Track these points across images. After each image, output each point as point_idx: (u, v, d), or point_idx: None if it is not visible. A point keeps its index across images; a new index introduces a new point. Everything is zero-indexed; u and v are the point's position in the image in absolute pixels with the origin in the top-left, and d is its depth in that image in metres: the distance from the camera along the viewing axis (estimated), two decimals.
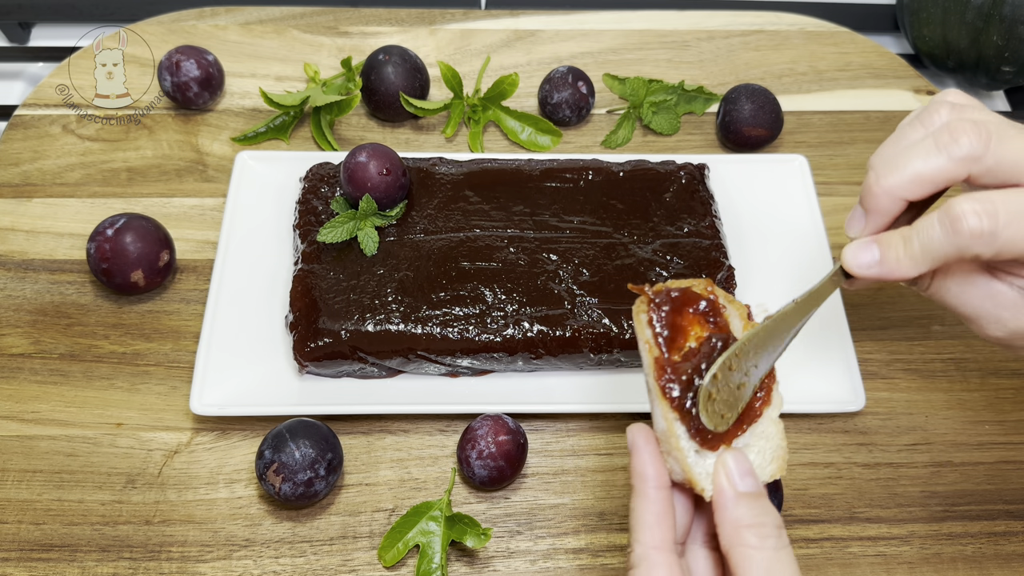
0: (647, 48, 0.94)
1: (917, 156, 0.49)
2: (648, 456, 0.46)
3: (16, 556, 0.62)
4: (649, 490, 0.46)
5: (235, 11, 0.94)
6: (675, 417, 0.46)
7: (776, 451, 0.48)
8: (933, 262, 0.48)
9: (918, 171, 0.48)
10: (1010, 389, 0.72)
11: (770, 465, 0.48)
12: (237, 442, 0.67)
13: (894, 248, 0.50)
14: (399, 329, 0.66)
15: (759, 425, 0.48)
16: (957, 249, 0.47)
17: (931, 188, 0.49)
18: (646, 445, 0.46)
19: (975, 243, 0.46)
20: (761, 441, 0.48)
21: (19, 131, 0.85)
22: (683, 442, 0.46)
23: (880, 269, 0.50)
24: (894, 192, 0.49)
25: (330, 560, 0.63)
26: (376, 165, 0.71)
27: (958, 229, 0.47)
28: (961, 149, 0.47)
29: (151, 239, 0.72)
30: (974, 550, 0.64)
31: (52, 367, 0.71)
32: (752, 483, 0.45)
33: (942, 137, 0.48)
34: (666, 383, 0.46)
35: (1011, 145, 0.47)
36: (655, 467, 0.46)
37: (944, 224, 0.47)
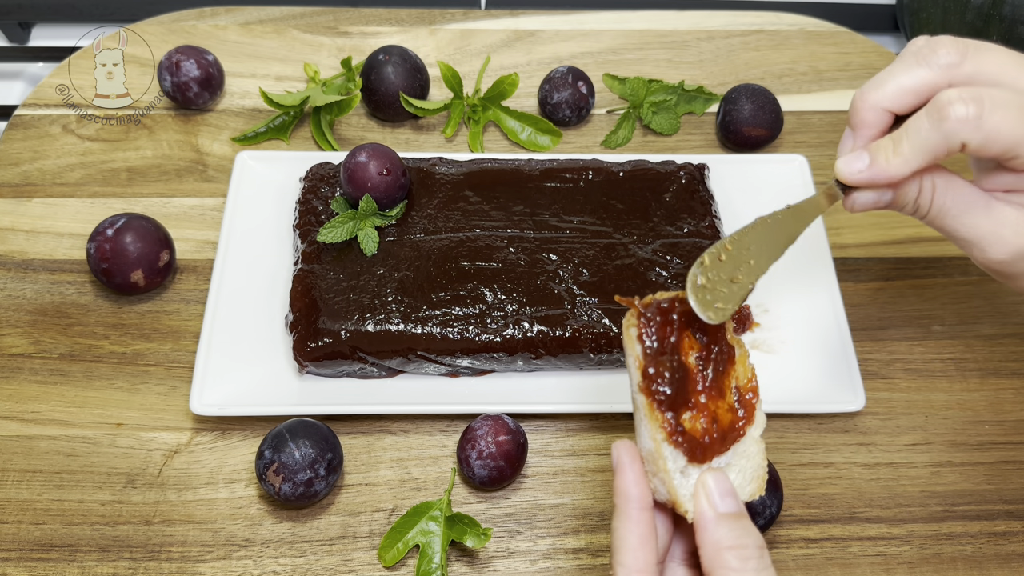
0: (647, 48, 0.94)
1: (898, 69, 0.51)
2: (633, 476, 0.46)
3: (16, 556, 0.62)
4: (633, 511, 0.45)
5: (235, 11, 0.94)
6: (663, 437, 0.45)
7: (756, 471, 0.48)
8: (923, 157, 0.50)
9: (900, 82, 0.51)
10: (1010, 389, 0.72)
11: (750, 485, 0.48)
12: (237, 442, 0.67)
13: (883, 150, 0.51)
14: (399, 329, 0.66)
15: (741, 444, 0.48)
16: (945, 137, 0.48)
17: (914, 98, 0.51)
18: (631, 464, 0.46)
19: (962, 128, 0.48)
20: (742, 460, 0.48)
21: (19, 131, 0.85)
22: (670, 463, 0.45)
23: (871, 172, 0.51)
24: (878, 104, 0.51)
25: (330, 560, 0.63)
26: (376, 165, 0.71)
27: (945, 115, 0.48)
28: (939, 58, 0.50)
29: (151, 239, 0.72)
30: (974, 550, 0.64)
31: (52, 367, 0.71)
32: (733, 504, 0.45)
33: (922, 51, 0.51)
34: (655, 401, 0.45)
35: (988, 55, 0.50)
36: (639, 487, 0.46)
37: (931, 114, 0.49)
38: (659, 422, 0.45)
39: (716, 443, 0.47)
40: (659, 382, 0.46)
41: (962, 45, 0.50)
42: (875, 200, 0.53)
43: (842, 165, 0.52)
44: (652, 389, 0.45)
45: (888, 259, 0.78)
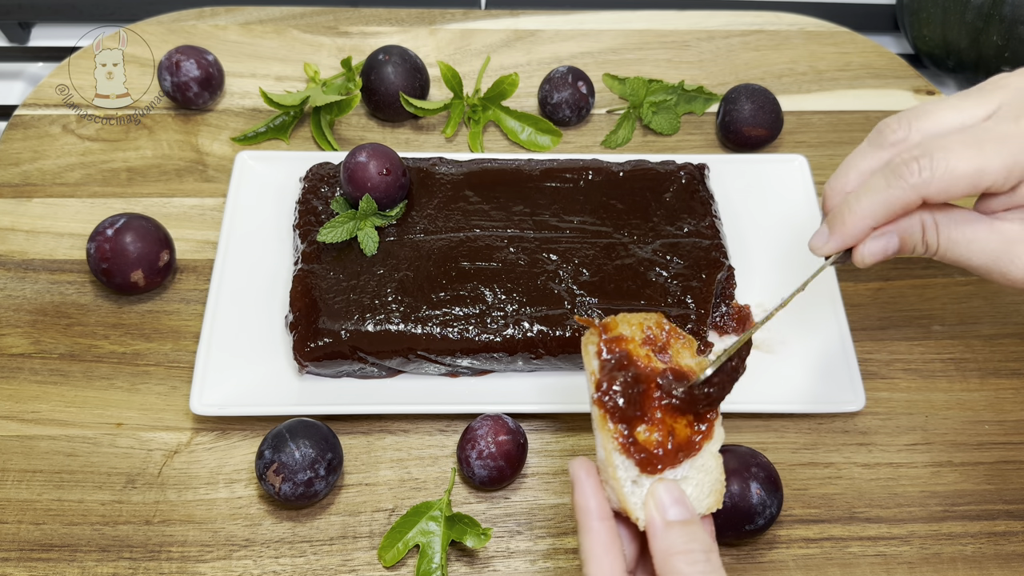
0: (647, 48, 0.94)
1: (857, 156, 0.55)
2: (589, 489, 0.47)
3: (16, 556, 0.62)
4: (592, 522, 0.47)
5: (235, 11, 0.94)
6: (614, 447, 0.47)
7: (714, 484, 0.50)
8: (881, 214, 0.52)
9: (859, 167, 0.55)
10: (1010, 389, 0.72)
11: (707, 498, 0.49)
12: (237, 442, 0.67)
13: (841, 215, 0.53)
14: (399, 329, 0.66)
15: (698, 458, 0.49)
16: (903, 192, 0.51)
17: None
18: (587, 478, 0.47)
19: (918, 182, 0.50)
20: (700, 474, 0.49)
21: (19, 131, 0.85)
22: (620, 472, 0.47)
23: (836, 241, 0.54)
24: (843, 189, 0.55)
25: (330, 560, 0.63)
26: (376, 165, 0.71)
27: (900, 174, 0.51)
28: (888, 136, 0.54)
29: (151, 239, 0.72)
30: (974, 550, 0.64)
31: (52, 367, 0.71)
32: (681, 511, 0.46)
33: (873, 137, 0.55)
34: (608, 412, 0.47)
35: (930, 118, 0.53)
36: (596, 499, 0.47)
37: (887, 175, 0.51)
38: (611, 433, 0.47)
39: (670, 455, 0.48)
40: (611, 396, 0.47)
41: (905, 119, 0.53)
42: (883, 249, 0.54)
43: (811, 243, 0.56)
44: (604, 402, 0.47)
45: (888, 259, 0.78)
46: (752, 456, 0.62)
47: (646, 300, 0.68)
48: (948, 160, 0.50)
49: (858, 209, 0.53)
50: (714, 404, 0.49)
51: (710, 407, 0.49)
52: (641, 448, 0.47)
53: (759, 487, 0.60)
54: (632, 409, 0.47)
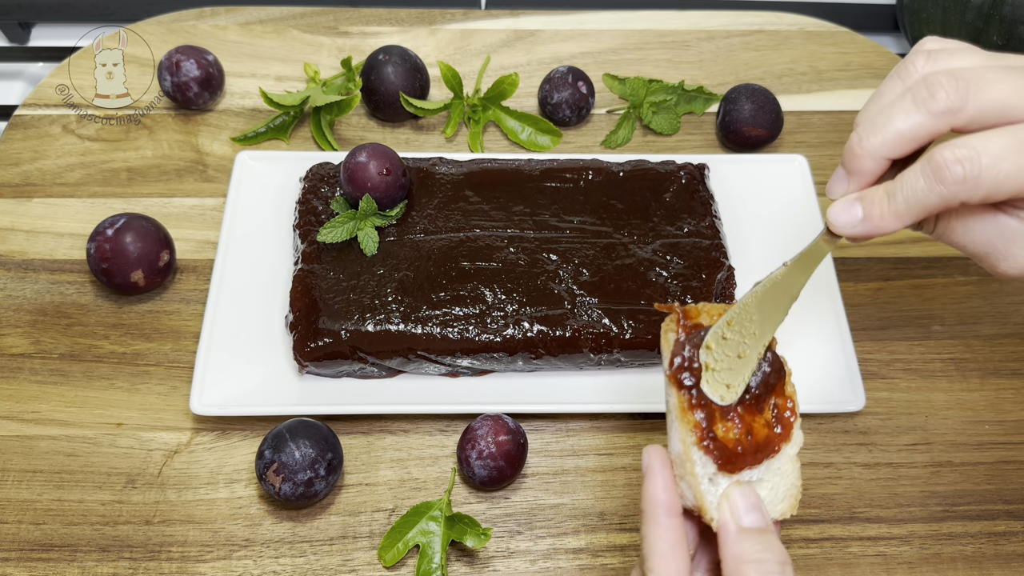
0: (647, 48, 0.94)
1: (896, 114, 0.48)
2: (663, 482, 0.45)
3: (16, 556, 0.62)
4: (662, 517, 0.45)
5: (235, 11, 0.94)
6: (693, 440, 0.45)
7: (790, 489, 0.48)
8: (919, 215, 0.48)
9: (899, 129, 0.48)
10: (1010, 389, 0.72)
11: (782, 503, 0.48)
12: (237, 442, 0.67)
13: (877, 204, 0.49)
14: (399, 329, 0.66)
15: (775, 461, 0.47)
16: (942, 199, 0.47)
17: (913, 145, 0.48)
18: (662, 470, 0.45)
19: (960, 190, 0.46)
20: (776, 477, 0.48)
21: (19, 131, 0.85)
22: (698, 468, 0.45)
23: (865, 227, 0.50)
24: (877, 152, 0.49)
25: (330, 560, 0.63)
26: (376, 165, 0.71)
27: (942, 178, 0.46)
28: (939, 104, 0.47)
29: (151, 239, 0.72)
30: (974, 550, 0.64)
31: (52, 367, 0.71)
32: (757, 518, 0.44)
33: (919, 92, 0.47)
34: (688, 401, 0.45)
35: (990, 91, 0.46)
36: (668, 494, 0.45)
37: (927, 175, 0.47)
38: (691, 424, 0.45)
39: (748, 455, 0.46)
40: (692, 381, 0.45)
41: (963, 86, 0.47)
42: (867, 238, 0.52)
43: (835, 216, 0.50)
44: (684, 385, 0.45)
45: (888, 259, 0.78)
46: None
47: (646, 300, 0.68)
48: (998, 171, 0.46)
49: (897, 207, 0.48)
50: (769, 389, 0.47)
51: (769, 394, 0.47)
52: (720, 445, 0.45)
53: None
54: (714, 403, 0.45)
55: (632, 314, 0.68)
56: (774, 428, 0.47)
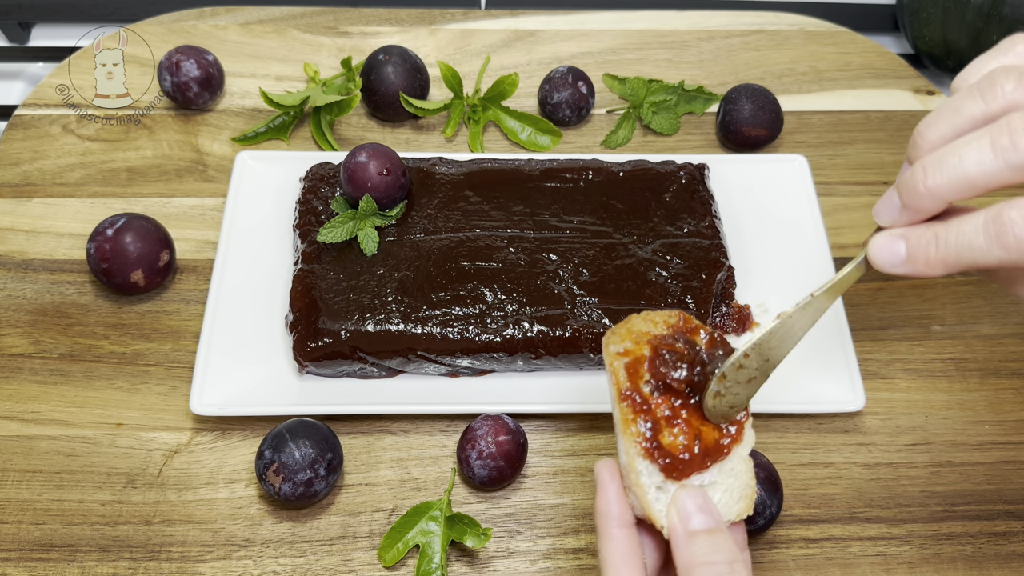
0: (647, 48, 0.94)
1: (969, 157, 0.43)
2: (612, 493, 0.46)
3: (16, 556, 0.62)
4: (613, 529, 0.45)
5: (235, 11, 0.94)
6: (637, 452, 0.45)
7: (744, 490, 0.48)
8: (968, 267, 0.44)
9: (969, 176, 0.43)
10: (1010, 389, 0.72)
11: (737, 504, 0.48)
12: (237, 442, 0.67)
13: (923, 248, 0.45)
14: (399, 329, 0.66)
15: (728, 462, 0.47)
16: (999, 260, 0.42)
17: (981, 193, 0.44)
18: (611, 481, 0.46)
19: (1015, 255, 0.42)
20: (729, 479, 0.47)
21: (19, 131, 0.85)
22: (643, 478, 0.45)
23: (906, 268, 0.46)
24: (940, 195, 0.44)
25: (330, 560, 0.63)
26: (376, 165, 0.71)
27: (1005, 243, 0.42)
28: (1021, 157, 0.41)
29: (151, 239, 0.72)
30: (974, 550, 0.64)
31: (52, 367, 0.71)
32: (704, 519, 0.44)
33: (1001, 139, 0.42)
34: (631, 416, 0.46)
35: None
36: (618, 505, 0.45)
37: (989, 234, 0.42)
38: (634, 436, 0.45)
39: (697, 460, 0.46)
40: (635, 395, 0.46)
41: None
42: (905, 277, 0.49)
43: (877, 252, 0.46)
44: (628, 396, 0.46)
45: None
46: (752, 456, 0.62)
47: (646, 300, 0.68)
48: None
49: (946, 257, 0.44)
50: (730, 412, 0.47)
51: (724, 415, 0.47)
52: (666, 452, 0.45)
53: (759, 487, 0.60)
54: (656, 406, 0.45)
55: None
56: (725, 429, 0.47)
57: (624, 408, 0.46)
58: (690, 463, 0.46)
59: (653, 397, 0.46)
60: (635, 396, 0.46)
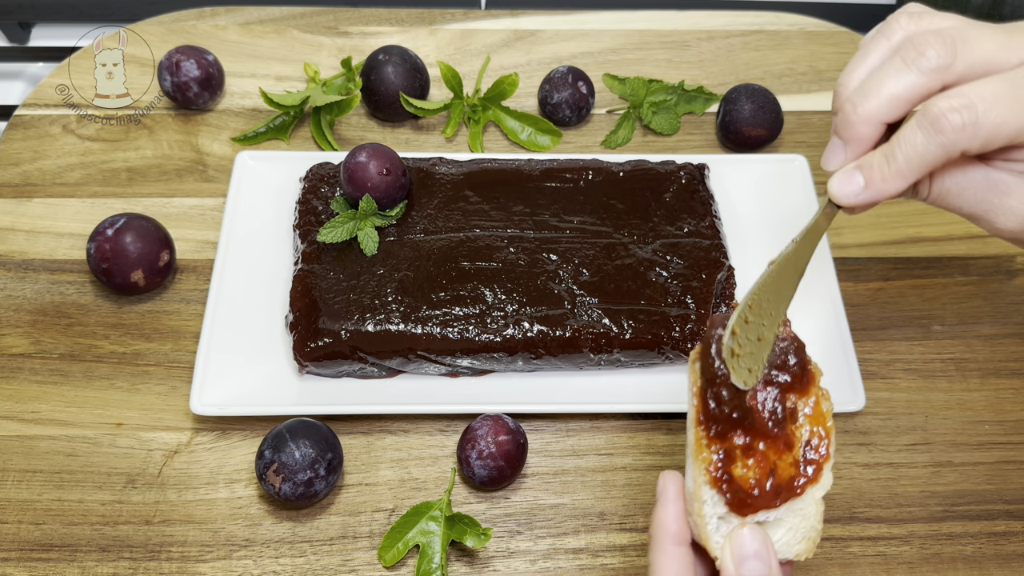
0: (647, 48, 0.94)
1: (888, 77, 0.48)
2: (674, 511, 0.44)
3: (16, 556, 0.62)
4: (669, 546, 0.44)
5: (235, 11, 0.94)
6: (704, 480, 0.43)
7: (809, 532, 0.45)
8: (921, 170, 0.48)
9: (892, 92, 0.48)
10: (1010, 389, 0.72)
11: (799, 544, 0.45)
12: (237, 442, 0.67)
13: (877, 168, 0.49)
14: (399, 329, 0.66)
15: (799, 502, 0.45)
16: (943, 149, 0.47)
17: (907, 106, 0.49)
18: (675, 500, 0.45)
19: (960, 138, 0.46)
20: (796, 519, 0.45)
21: (19, 131, 0.85)
22: (707, 508, 0.43)
23: (868, 193, 0.50)
24: (873, 117, 0.49)
25: (330, 560, 0.63)
26: (376, 165, 0.71)
27: (940, 128, 0.46)
28: (929, 61, 0.47)
29: (151, 239, 0.72)
30: (974, 550, 0.64)
31: (52, 367, 0.71)
32: (757, 567, 0.43)
33: (908, 53, 0.48)
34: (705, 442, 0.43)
35: (976, 46, 0.47)
36: (678, 523, 0.44)
37: (924, 128, 0.47)
38: (705, 463, 0.43)
39: (766, 497, 0.44)
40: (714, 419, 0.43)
41: (950, 42, 0.47)
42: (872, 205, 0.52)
43: (837, 187, 0.50)
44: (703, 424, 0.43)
45: (888, 259, 0.78)
46: None
47: (646, 300, 0.68)
48: (995, 115, 0.46)
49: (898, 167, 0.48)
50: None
51: None
52: (735, 485, 0.43)
53: None
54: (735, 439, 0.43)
55: (632, 314, 0.68)
56: (801, 468, 0.44)
57: (699, 432, 0.44)
58: (759, 499, 0.44)
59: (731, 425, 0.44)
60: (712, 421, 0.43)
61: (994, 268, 0.77)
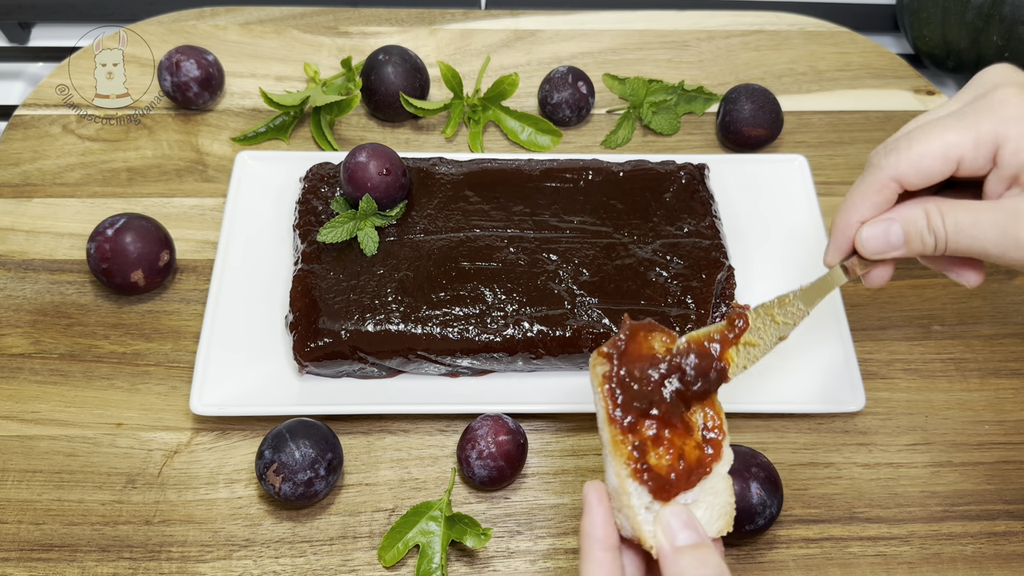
0: (647, 48, 0.94)
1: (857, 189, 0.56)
2: (599, 516, 0.46)
3: (16, 556, 0.62)
4: (596, 551, 0.46)
5: (235, 11, 0.94)
6: (627, 472, 0.46)
7: (724, 507, 0.49)
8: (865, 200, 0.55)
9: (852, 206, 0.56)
10: (1010, 389, 0.72)
11: (718, 521, 0.48)
12: (237, 442, 0.67)
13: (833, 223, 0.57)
14: (399, 329, 0.66)
15: (709, 481, 0.48)
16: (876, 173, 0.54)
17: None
18: (599, 505, 0.46)
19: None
20: (710, 497, 0.48)
21: (19, 131, 0.85)
22: (634, 499, 0.46)
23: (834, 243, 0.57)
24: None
25: (330, 560, 0.63)
26: (376, 165, 0.71)
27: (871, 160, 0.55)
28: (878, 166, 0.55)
29: (151, 239, 0.72)
30: (974, 550, 0.64)
31: (52, 367, 0.71)
32: (689, 535, 0.45)
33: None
34: (620, 438, 0.46)
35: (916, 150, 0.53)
36: (604, 528, 0.46)
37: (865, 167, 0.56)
38: (624, 456, 0.46)
39: (682, 480, 0.47)
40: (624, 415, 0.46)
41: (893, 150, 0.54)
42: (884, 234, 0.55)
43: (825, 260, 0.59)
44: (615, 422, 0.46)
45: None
46: (752, 456, 0.62)
47: (646, 300, 0.68)
48: (912, 140, 0.52)
49: (843, 206, 0.55)
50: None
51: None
52: (654, 474, 0.46)
53: (759, 487, 0.60)
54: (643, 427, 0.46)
55: (632, 314, 0.67)
56: (705, 448, 0.48)
57: (613, 430, 0.46)
58: (677, 483, 0.47)
59: (639, 417, 0.47)
60: (622, 418, 0.46)
61: (994, 268, 0.77)
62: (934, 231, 0.53)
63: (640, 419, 0.47)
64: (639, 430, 0.46)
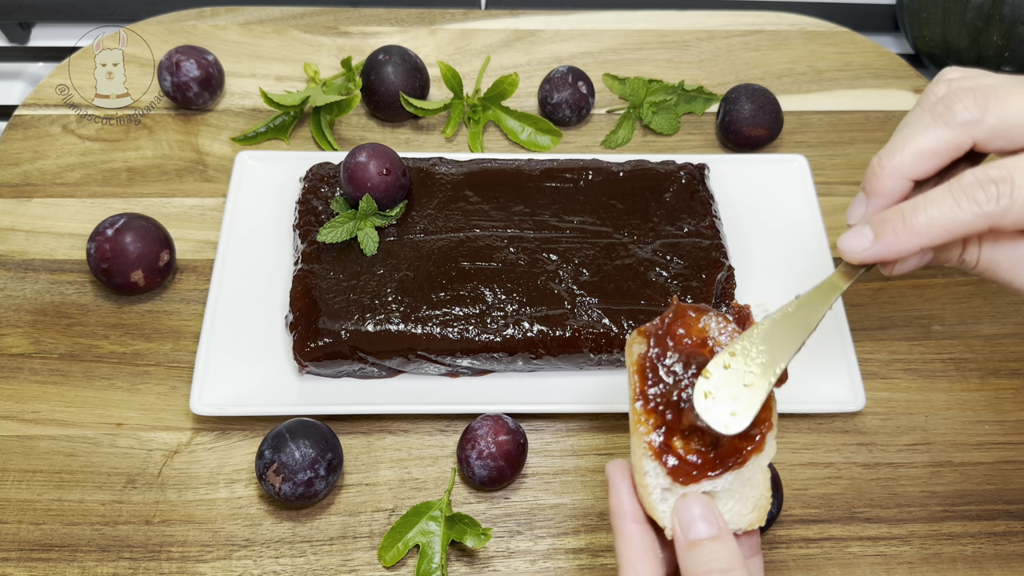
0: (647, 48, 0.94)
1: (915, 131, 0.47)
2: (624, 492, 0.46)
3: (16, 556, 0.62)
4: (626, 526, 0.45)
5: (235, 11, 0.94)
6: (644, 451, 0.45)
7: (758, 500, 0.47)
8: (942, 236, 0.46)
9: (918, 145, 0.47)
10: (1010, 389, 0.72)
11: (751, 514, 0.47)
12: (237, 442, 0.67)
13: (891, 223, 0.46)
14: (399, 329, 0.66)
15: (745, 471, 0.46)
16: (972, 218, 0.44)
17: (935, 161, 0.47)
18: (622, 481, 0.46)
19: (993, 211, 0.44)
20: (745, 488, 0.47)
21: (19, 131, 0.85)
22: (650, 479, 0.45)
23: (876, 249, 0.47)
24: (898, 171, 0.47)
25: (330, 560, 0.63)
26: (376, 165, 0.71)
27: (973, 197, 0.44)
28: (957, 116, 0.46)
29: (151, 239, 0.72)
30: (974, 550, 0.64)
31: (52, 367, 0.71)
32: (705, 528, 0.44)
33: (937, 108, 0.47)
34: (643, 416, 0.45)
35: (1010, 103, 0.45)
36: (631, 503, 0.45)
37: (956, 193, 0.45)
38: (642, 436, 0.45)
39: (707, 464, 0.45)
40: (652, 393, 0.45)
41: (981, 97, 0.46)
42: (917, 263, 0.49)
43: (844, 244, 0.48)
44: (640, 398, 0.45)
45: None
46: None
47: (646, 300, 0.68)
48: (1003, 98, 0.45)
49: (915, 225, 0.46)
50: None
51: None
52: (675, 454, 0.45)
53: None
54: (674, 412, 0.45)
55: (632, 314, 0.68)
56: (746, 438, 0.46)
57: (636, 408, 0.45)
58: (700, 467, 0.45)
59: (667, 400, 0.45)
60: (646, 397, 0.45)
61: None
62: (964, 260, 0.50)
63: (668, 402, 0.45)
64: (662, 411, 0.45)
